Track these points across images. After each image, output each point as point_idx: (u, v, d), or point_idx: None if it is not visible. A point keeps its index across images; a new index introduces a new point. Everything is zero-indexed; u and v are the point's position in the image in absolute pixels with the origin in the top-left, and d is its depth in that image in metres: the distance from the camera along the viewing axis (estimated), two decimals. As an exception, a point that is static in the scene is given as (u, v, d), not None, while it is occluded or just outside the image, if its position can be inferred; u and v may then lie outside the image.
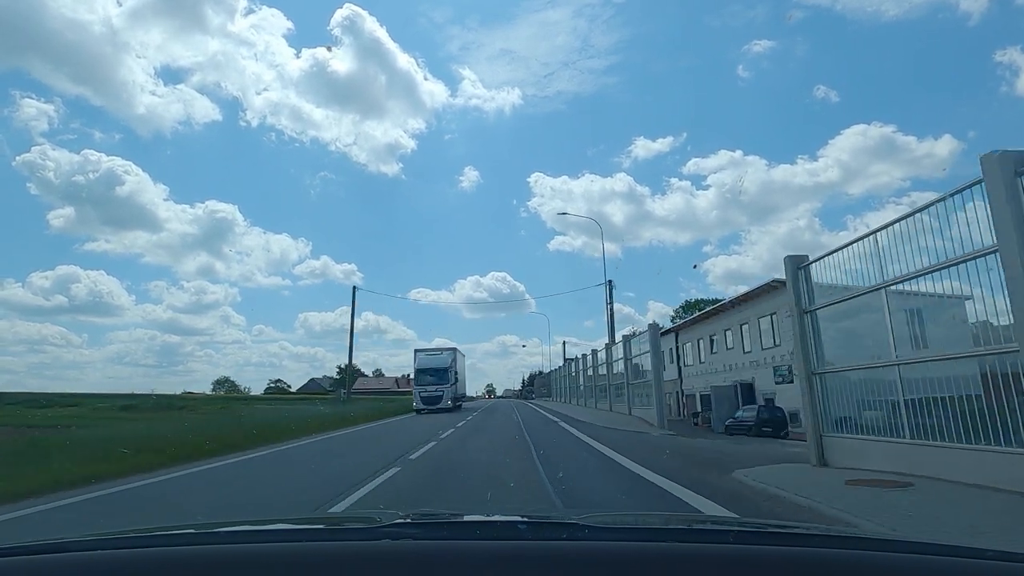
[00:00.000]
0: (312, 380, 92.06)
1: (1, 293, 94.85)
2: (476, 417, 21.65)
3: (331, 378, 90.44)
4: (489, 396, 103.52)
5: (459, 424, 16.82)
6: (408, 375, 41.60)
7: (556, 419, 19.21)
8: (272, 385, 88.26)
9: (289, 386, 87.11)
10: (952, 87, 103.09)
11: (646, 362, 18.14)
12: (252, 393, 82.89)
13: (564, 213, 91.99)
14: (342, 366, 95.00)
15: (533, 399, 72.57)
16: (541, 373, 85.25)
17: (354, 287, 38.22)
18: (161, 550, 0.95)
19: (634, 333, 20.56)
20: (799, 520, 4.36)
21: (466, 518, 1.43)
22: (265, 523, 1.38)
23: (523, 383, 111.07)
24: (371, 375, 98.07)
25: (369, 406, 29.73)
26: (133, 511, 5.49)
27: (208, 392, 78.97)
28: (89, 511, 5.40)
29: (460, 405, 33.24)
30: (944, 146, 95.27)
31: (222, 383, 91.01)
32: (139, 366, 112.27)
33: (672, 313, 57.35)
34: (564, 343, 60.06)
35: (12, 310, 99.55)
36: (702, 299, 55.57)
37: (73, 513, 5.29)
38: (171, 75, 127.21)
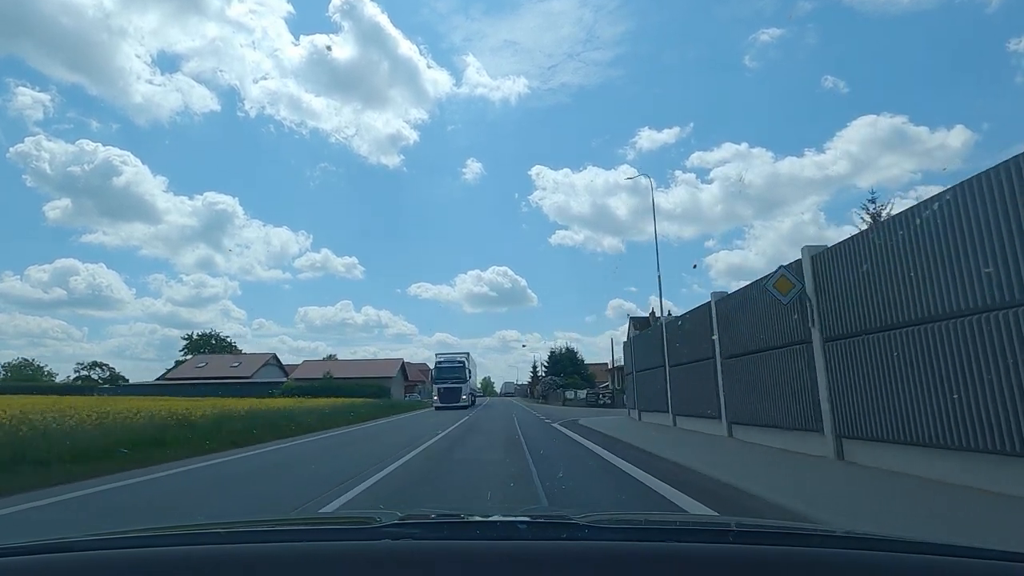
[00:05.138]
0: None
1: (0, 286, 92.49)
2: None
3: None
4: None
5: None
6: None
7: None
8: (81, 372, 68.43)
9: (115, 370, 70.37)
10: (966, 76, 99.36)
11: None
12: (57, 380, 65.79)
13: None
14: (192, 335, 74.80)
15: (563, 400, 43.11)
16: (571, 353, 60.01)
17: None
18: (161, 550, 0.96)
19: None
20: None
21: (466, 518, 1.41)
22: (265, 523, 1.36)
23: (534, 374, 78.97)
24: (242, 349, 70.14)
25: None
26: None
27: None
28: None
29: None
30: (957, 137, 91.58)
31: (18, 366, 69.64)
32: (140, 360, 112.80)
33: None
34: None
35: (11, 303, 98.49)
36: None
37: None
38: (168, 62, 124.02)
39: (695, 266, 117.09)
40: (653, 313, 50.08)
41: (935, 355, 5.45)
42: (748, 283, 10.07)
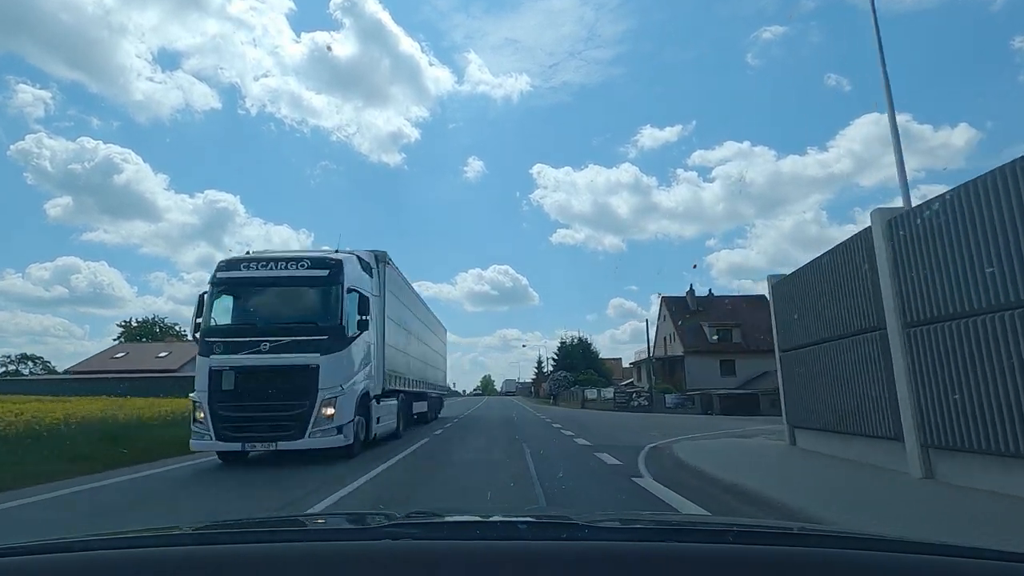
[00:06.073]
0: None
1: (1, 284, 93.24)
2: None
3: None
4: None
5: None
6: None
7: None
8: (9, 366, 61.95)
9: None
10: (969, 75, 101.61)
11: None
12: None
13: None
14: (130, 321, 65.45)
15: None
16: (585, 345, 51.44)
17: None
18: (161, 550, 0.96)
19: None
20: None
21: (466, 518, 1.44)
22: (265, 523, 1.42)
23: (538, 370, 70.79)
24: (184, 334, 46.97)
25: None
26: None
27: None
28: None
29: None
30: (961, 135, 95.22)
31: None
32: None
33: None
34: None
35: (13, 301, 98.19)
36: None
37: None
38: (168, 60, 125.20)
39: (695, 266, 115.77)
40: (692, 291, 45.00)
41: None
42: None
